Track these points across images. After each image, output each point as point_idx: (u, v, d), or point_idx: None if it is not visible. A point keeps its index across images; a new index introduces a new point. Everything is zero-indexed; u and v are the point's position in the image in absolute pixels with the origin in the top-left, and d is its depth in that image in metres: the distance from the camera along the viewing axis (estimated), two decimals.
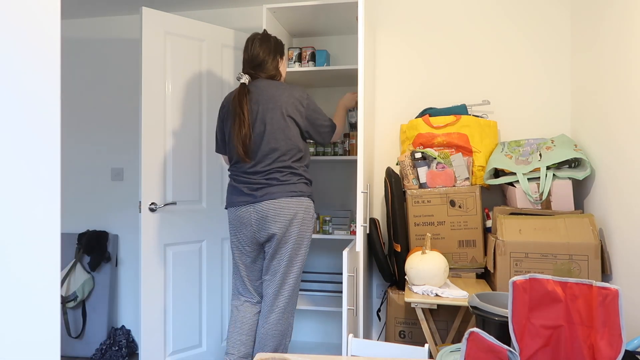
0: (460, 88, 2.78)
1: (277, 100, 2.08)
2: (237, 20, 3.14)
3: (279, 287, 2.13)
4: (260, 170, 2.07)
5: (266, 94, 2.10)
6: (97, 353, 3.06)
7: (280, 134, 2.07)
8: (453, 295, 2.02)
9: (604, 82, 2.14)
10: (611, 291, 1.04)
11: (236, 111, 2.08)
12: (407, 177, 2.42)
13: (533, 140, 2.42)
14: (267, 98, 2.09)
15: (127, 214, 3.28)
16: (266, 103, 2.08)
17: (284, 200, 2.05)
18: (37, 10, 0.70)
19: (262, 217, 2.05)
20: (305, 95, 2.15)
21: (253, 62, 2.17)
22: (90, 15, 3.30)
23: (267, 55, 2.16)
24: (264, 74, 2.18)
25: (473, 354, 1.06)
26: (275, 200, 2.04)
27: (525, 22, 2.70)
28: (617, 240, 1.98)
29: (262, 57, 2.16)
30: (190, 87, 2.71)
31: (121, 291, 3.29)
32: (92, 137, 3.33)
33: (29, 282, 0.69)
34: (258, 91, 2.11)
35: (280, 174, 2.06)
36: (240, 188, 2.10)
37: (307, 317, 3.05)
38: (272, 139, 2.07)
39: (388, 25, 2.88)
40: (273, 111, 2.07)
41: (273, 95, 2.09)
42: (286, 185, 2.06)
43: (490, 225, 2.39)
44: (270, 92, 2.10)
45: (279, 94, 2.10)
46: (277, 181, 2.06)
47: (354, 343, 1.67)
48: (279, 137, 2.07)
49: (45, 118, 0.71)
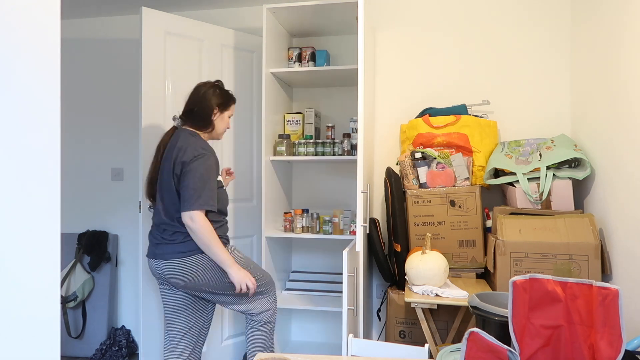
0: (460, 88, 2.78)
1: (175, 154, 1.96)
2: (237, 20, 3.14)
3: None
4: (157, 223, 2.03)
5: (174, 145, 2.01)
6: (97, 353, 3.06)
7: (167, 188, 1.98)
8: (453, 295, 2.02)
9: (603, 82, 2.14)
10: (611, 291, 1.04)
11: (156, 151, 2.07)
12: (407, 177, 2.42)
13: (533, 140, 2.42)
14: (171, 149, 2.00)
15: (127, 214, 3.28)
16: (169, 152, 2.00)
17: (173, 261, 1.96)
18: (37, 10, 0.70)
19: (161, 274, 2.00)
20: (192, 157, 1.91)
21: (187, 108, 2.08)
22: (90, 15, 3.30)
23: (198, 102, 2.06)
24: (190, 123, 2.07)
25: (473, 354, 1.06)
26: (165, 261, 1.97)
27: (525, 22, 2.70)
28: (617, 240, 1.98)
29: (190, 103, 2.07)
30: (190, 87, 2.70)
31: (121, 291, 3.29)
32: (92, 137, 3.33)
33: (29, 282, 0.69)
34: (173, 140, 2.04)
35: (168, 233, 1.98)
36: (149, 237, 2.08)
37: (307, 317, 3.05)
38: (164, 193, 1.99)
39: (388, 25, 2.88)
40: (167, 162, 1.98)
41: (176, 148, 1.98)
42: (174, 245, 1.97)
43: (490, 225, 2.39)
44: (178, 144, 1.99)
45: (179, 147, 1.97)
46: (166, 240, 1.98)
47: (354, 343, 1.67)
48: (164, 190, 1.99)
49: (45, 118, 0.71)
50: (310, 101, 3.06)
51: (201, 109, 2.05)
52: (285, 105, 2.95)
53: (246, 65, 2.96)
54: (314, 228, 2.69)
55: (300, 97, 3.08)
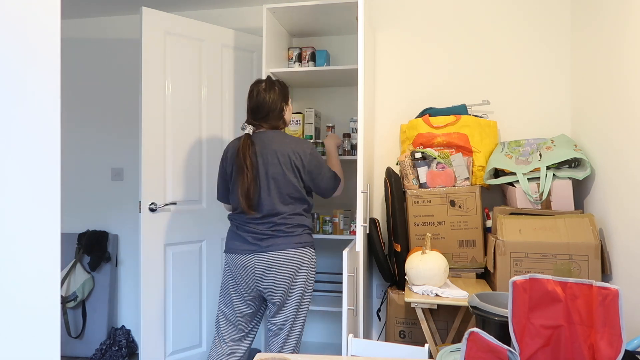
0: (460, 88, 2.78)
1: (280, 154, 2.03)
2: (237, 20, 3.14)
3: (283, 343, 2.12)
4: (265, 222, 2.05)
5: (270, 146, 2.05)
6: (97, 353, 3.06)
7: (284, 187, 2.04)
8: (453, 295, 2.02)
9: (604, 81, 2.14)
10: (611, 291, 1.04)
11: (240, 164, 2.04)
12: (407, 177, 2.42)
13: (533, 140, 2.42)
14: (270, 151, 2.04)
15: (127, 214, 3.28)
16: (270, 156, 2.04)
17: (288, 251, 2.04)
18: (37, 10, 0.70)
19: (267, 267, 2.03)
20: (309, 150, 2.09)
21: (257, 112, 2.10)
22: (90, 15, 3.30)
23: (272, 104, 2.10)
24: (267, 125, 2.11)
25: (473, 354, 1.06)
26: (280, 251, 2.04)
27: (525, 22, 2.70)
28: (617, 240, 1.98)
29: (267, 107, 2.09)
30: (190, 87, 2.71)
31: (121, 291, 3.29)
32: (92, 137, 3.33)
33: (29, 281, 0.69)
34: (262, 143, 2.06)
35: (285, 226, 2.05)
36: (244, 236, 2.07)
37: (308, 317, 3.05)
38: (275, 192, 2.04)
39: (388, 25, 2.88)
40: (276, 165, 2.03)
41: (277, 148, 2.04)
42: (291, 237, 2.06)
43: (490, 225, 2.39)
44: (274, 144, 2.05)
45: (283, 147, 2.05)
46: (282, 232, 2.05)
47: (354, 343, 1.67)
48: (282, 191, 2.04)
49: (45, 118, 0.71)
50: (310, 101, 3.06)
51: (271, 111, 2.11)
52: None
53: (246, 65, 2.96)
54: (314, 228, 2.69)
55: (300, 97, 3.08)
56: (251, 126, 2.10)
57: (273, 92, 2.11)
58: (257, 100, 2.10)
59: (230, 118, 2.89)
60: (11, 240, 0.66)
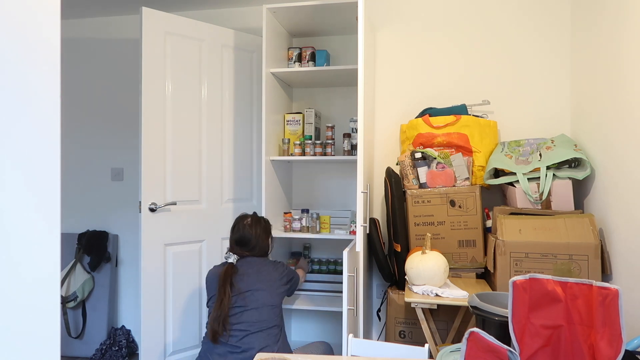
0: (460, 88, 2.78)
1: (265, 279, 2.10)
2: (237, 20, 3.14)
3: None
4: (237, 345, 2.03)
5: (254, 272, 2.12)
6: (97, 353, 3.06)
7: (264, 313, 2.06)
8: (453, 295, 2.02)
9: (603, 82, 2.14)
10: (611, 291, 1.04)
11: (219, 290, 2.06)
12: (407, 177, 2.42)
13: (533, 140, 2.42)
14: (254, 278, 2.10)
15: (127, 214, 3.28)
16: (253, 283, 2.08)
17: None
18: (37, 10, 0.70)
19: None
20: (285, 271, 2.21)
21: (243, 244, 2.20)
22: (90, 15, 3.30)
23: (257, 238, 2.20)
24: (251, 253, 2.20)
25: (473, 354, 1.06)
26: None
27: (525, 22, 2.70)
28: (617, 240, 1.98)
29: (254, 241, 2.20)
30: (190, 87, 2.71)
31: (121, 291, 3.29)
32: (92, 137, 3.33)
33: (29, 282, 0.69)
34: (242, 270, 2.11)
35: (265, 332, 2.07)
36: None
37: (307, 317, 3.05)
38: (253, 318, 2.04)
39: (388, 25, 2.88)
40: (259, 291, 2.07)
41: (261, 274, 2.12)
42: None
43: (490, 225, 2.39)
44: (258, 270, 2.13)
45: (266, 272, 2.13)
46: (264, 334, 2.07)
47: (354, 343, 1.67)
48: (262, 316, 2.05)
49: (45, 118, 0.71)
50: (310, 101, 3.06)
51: (258, 245, 2.21)
52: (285, 105, 2.95)
53: (246, 65, 2.96)
54: (314, 228, 2.69)
55: (300, 97, 3.08)
56: (235, 255, 2.18)
57: (258, 226, 2.23)
58: (242, 233, 2.21)
59: (230, 118, 2.89)
60: (11, 240, 0.66)
